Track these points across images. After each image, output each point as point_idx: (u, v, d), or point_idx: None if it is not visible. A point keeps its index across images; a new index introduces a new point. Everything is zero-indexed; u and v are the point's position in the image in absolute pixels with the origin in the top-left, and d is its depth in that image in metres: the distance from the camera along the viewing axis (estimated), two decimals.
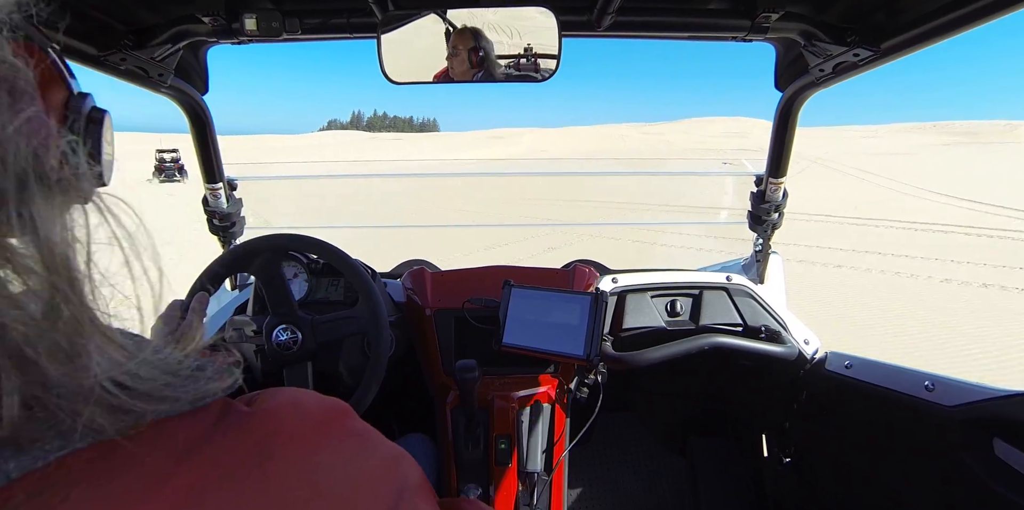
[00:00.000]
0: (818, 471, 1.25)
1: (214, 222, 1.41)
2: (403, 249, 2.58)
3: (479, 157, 58.27)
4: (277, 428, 0.29)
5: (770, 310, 1.30)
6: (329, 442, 0.30)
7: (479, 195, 12.95)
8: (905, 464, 0.99)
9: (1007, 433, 0.81)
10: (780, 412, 1.36)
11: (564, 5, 0.91)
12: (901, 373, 0.99)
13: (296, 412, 0.31)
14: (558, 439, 1.16)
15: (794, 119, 1.20)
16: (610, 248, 7.83)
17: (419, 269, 1.32)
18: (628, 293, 1.31)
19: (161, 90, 1.07)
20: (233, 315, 1.17)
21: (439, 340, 1.20)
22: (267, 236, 1.05)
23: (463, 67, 0.91)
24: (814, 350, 1.23)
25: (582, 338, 1.07)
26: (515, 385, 1.18)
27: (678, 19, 0.96)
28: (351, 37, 0.99)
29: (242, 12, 0.90)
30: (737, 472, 1.61)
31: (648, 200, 12.16)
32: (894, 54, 0.86)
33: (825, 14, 0.93)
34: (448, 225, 10.19)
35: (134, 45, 0.92)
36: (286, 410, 0.31)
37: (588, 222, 11.15)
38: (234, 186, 1.42)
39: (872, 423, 1.06)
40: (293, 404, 0.31)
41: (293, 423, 0.30)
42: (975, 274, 6.35)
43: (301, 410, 0.31)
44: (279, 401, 0.31)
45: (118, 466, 0.24)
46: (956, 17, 0.73)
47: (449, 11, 0.87)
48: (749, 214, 1.45)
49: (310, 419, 0.31)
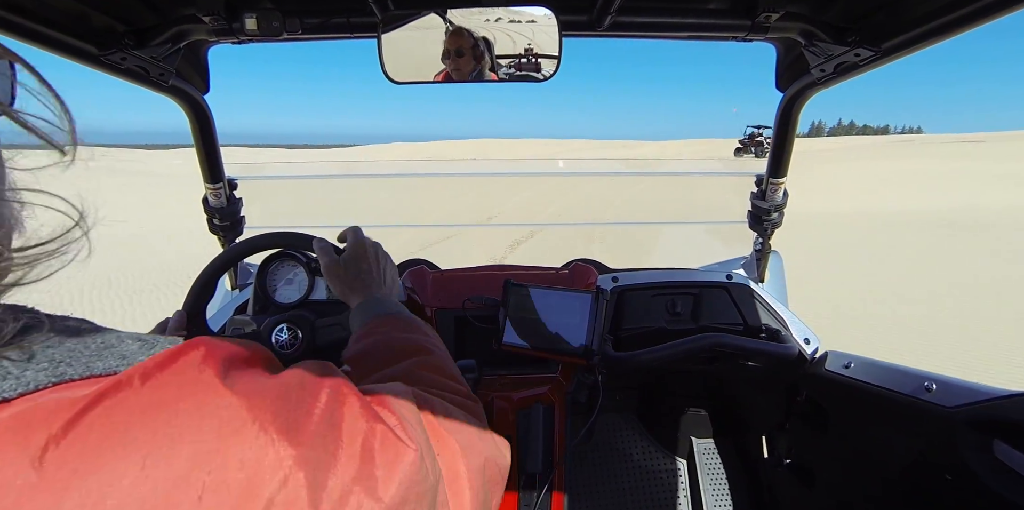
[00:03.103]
0: (818, 471, 1.25)
1: (214, 222, 1.41)
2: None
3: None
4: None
5: (770, 309, 1.30)
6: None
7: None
8: (905, 465, 0.99)
9: (1007, 434, 0.81)
10: (780, 412, 1.36)
11: (564, 5, 0.91)
12: (901, 373, 0.99)
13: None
14: (558, 439, 1.16)
15: (795, 119, 1.20)
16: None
17: (419, 268, 1.32)
18: (628, 292, 1.31)
19: (162, 90, 1.07)
20: (233, 315, 1.18)
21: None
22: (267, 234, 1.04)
23: (463, 67, 0.91)
24: (814, 349, 1.23)
25: (582, 337, 1.07)
26: (515, 385, 1.18)
27: (678, 19, 0.96)
28: (351, 37, 0.99)
29: (242, 12, 0.90)
30: (737, 472, 1.61)
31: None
32: (895, 54, 0.86)
33: (826, 14, 0.93)
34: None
35: (135, 45, 0.92)
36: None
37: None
38: (234, 186, 1.42)
39: (872, 423, 1.06)
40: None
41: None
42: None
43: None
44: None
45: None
46: (957, 17, 0.73)
47: (449, 11, 0.87)
48: (749, 214, 1.45)
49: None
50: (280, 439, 0.28)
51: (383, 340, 0.57)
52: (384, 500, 0.31)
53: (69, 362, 0.28)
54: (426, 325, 0.65)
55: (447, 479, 0.38)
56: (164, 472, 0.25)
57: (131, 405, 0.27)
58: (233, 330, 1.17)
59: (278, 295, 1.14)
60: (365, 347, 0.57)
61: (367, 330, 0.61)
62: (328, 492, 0.29)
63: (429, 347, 0.57)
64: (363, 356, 0.55)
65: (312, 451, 0.29)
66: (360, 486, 0.30)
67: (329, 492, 0.29)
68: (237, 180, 1.43)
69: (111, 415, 0.26)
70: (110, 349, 0.30)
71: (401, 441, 0.34)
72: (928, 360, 3.91)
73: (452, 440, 0.40)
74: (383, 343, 0.57)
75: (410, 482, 0.33)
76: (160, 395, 0.28)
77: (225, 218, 1.40)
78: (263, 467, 0.27)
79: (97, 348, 0.29)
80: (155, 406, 0.27)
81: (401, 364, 0.52)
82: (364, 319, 0.65)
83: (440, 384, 0.50)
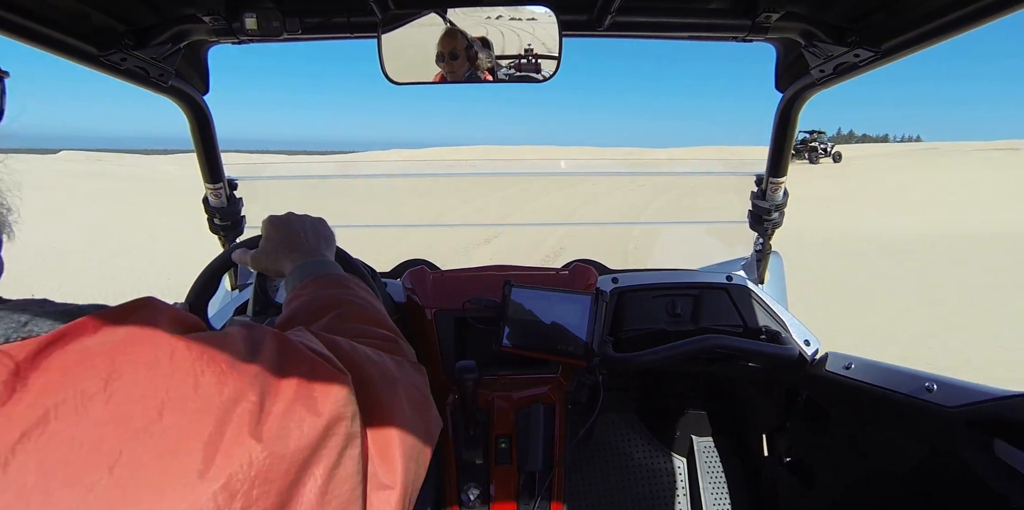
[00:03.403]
0: (818, 472, 1.25)
1: (215, 221, 1.41)
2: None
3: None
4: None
5: (770, 310, 1.30)
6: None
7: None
8: (905, 465, 0.99)
9: (1008, 434, 0.81)
10: (780, 413, 1.36)
11: (564, 4, 0.91)
12: (901, 374, 0.99)
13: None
14: (558, 439, 1.16)
15: (794, 119, 1.21)
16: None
17: (419, 269, 1.32)
18: (628, 293, 1.31)
19: (162, 90, 1.07)
20: (233, 315, 1.18)
21: (439, 341, 1.20)
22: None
23: (457, 69, 0.91)
24: (814, 351, 1.23)
25: (582, 338, 1.07)
26: (515, 385, 1.18)
27: (678, 19, 0.96)
28: (351, 37, 0.99)
29: (242, 11, 0.90)
30: (737, 472, 1.61)
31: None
32: (895, 55, 0.86)
33: (826, 14, 0.93)
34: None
35: (134, 45, 0.92)
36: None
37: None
38: (234, 185, 1.43)
39: (872, 424, 1.06)
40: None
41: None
42: None
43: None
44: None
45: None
46: (957, 17, 0.73)
47: (449, 10, 0.87)
48: (750, 213, 1.45)
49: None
50: (229, 369, 0.33)
51: (305, 301, 0.60)
52: (324, 414, 0.35)
53: (36, 323, 0.32)
54: (351, 278, 0.67)
55: (368, 404, 0.42)
56: (126, 393, 0.29)
57: (91, 342, 0.30)
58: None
59: (278, 296, 1.14)
60: (290, 311, 0.60)
61: (293, 295, 0.64)
62: (275, 408, 0.33)
63: (348, 299, 0.61)
64: (289, 320, 0.58)
65: (258, 378, 0.34)
66: (301, 404, 0.34)
67: (275, 408, 0.33)
68: (237, 180, 1.43)
69: (73, 349, 0.29)
70: (75, 316, 0.33)
71: (337, 368, 0.39)
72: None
73: (369, 370, 0.45)
74: (305, 303, 0.60)
75: (345, 401, 0.37)
76: (119, 334, 0.31)
77: (226, 218, 1.41)
78: (213, 390, 0.31)
79: (31, 315, 0.33)
80: (111, 344, 0.31)
81: (321, 321, 0.55)
82: (291, 287, 0.67)
83: (359, 331, 0.54)
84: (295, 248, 0.74)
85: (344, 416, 0.36)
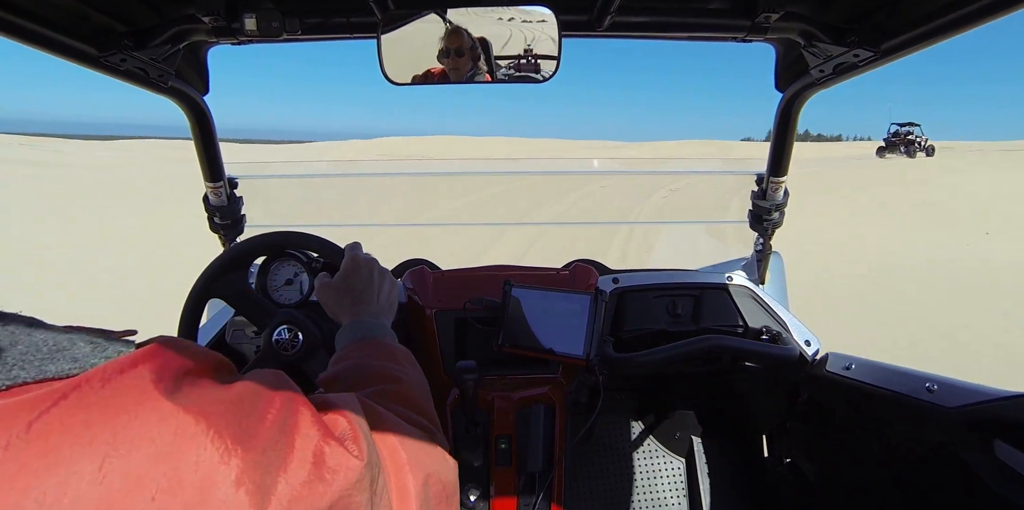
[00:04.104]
0: (818, 472, 1.25)
1: (215, 220, 1.41)
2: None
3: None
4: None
5: (771, 311, 1.30)
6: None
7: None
8: (906, 465, 0.99)
9: (1008, 434, 0.81)
10: (780, 413, 1.36)
11: (564, 4, 0.91)
12: (902, 375, 0.99)
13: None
14: (558, 439, 1.16)
15: (794, 119, 1.21)
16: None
17: (420, 269, 1.32)
18: (629, 293, 1.31)
19: (161, 91, 1.07)
20: (233, 316, 1.18)
21: (440, 341, 1.20)
22: (265, 234, 1.03)
23: (461, 67, 0.91)
24: (815, 351, 1.23)
25: (582, 338, 1.07)
26: (515, 386, 1.18)
27: (678, 19, 0.96)
28: (351, 37, 0.99)
29: (242, 12, 0.90)
30: (737, 472, 1.61)
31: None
32: (894, 55, 0.86)
33: (825, 14, 0.93)
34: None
35: (134, 45, 0.92)
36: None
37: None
38: (235, 184, 1.43)
39: (873, 424, 1.06)
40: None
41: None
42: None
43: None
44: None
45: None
46: (957, 17, 0.73)
47: (449, 11, 0.87)
48: (750, 213, 1.45)
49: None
50: (234, 445, 0.30)
51: (355, 365, 0.59)
52: (327, 495, 0.33)
53: (22, 365, 0.29)
54: (405, 353, 0.65)
55: (392, 487, 0.39)
56: (121, 472, 0.26)
57: (91, 406, 0.28)
58: (233, 331, 1.17)
59: (278, 296, 1.14)
60: (337, 372, 0.58)
61: (343, 354, 0.62)
62: (278, 495, 0.30)
63: (399, 376, 0.58)
64: (334, 380, 0.56)
65: (264, 456, 0.31)
66: (308, 490, 0.32)
67: (279, 495, 0.31)
68: (238, 179, 1.43)
69: (72, 415, 0.27)
70: (62, 352, 0.31)
71: (349, 451, 0.36)
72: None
73: (400, 452, 0.42)
74: (354, 368, 0.58)
75: (353, 489, 0.35)
76: (121, 398, 0.29)
77: (226, 216, 1.41)
78: (217, 470, 0.29)
79: (49, 351, 0.30)
80: (115, 408, 0.28)
81: (365, 391, 0.53)
82: (344, 343, 0.66)
83: (398, 413, 0.51)
84: (363, 301, 0.73)
85: (351, 505, 0.34)
